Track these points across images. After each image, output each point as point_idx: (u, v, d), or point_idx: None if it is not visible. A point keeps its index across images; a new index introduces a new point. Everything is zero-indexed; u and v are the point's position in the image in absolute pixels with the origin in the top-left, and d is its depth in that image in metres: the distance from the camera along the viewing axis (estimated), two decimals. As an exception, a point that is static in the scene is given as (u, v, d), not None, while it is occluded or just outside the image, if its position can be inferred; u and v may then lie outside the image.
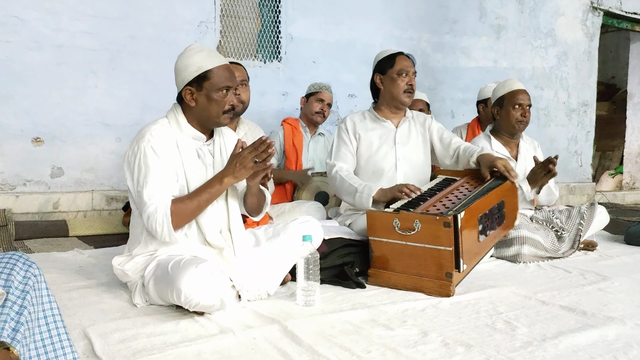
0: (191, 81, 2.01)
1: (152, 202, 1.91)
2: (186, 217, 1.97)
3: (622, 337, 1.74)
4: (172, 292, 1.80)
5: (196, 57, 2.01)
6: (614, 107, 8.63)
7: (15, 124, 3.62)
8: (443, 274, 2.18)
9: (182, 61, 2.04)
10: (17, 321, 1.13)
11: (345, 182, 2.68)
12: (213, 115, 2.04)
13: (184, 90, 2.03)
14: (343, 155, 2.82)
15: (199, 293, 1.77)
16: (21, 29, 3.60)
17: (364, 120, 2.89)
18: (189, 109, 2.06)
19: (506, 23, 5.79)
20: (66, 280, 2.34)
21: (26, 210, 3.64)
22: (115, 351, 1.56)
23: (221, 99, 2.02)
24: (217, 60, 2.04)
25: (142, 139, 1.97)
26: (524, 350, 1.61)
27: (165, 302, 1.94)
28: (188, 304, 1.80)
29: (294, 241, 2.18)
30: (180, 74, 2.04)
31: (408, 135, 2.88)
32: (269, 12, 4.55)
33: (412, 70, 2.80)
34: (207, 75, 2.00)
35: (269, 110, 4.45)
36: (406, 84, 2.77)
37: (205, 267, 1.80)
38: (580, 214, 3.07)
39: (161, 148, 1.97)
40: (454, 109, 5.50)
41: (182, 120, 2.06)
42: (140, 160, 1.95)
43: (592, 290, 2.31)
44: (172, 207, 1.92)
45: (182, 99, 2.06)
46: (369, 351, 1.59)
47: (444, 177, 2.82)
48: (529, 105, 3.13)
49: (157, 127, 2.02)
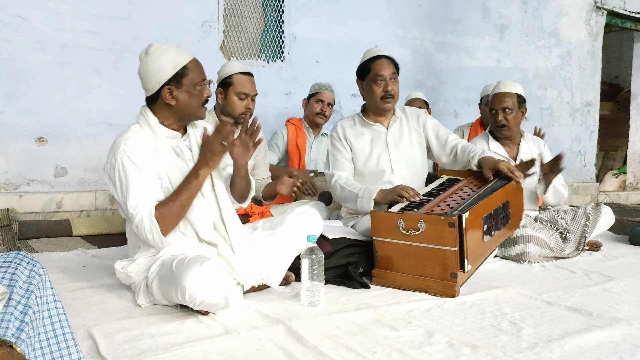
0: (169, 80, 2.00)
1: (137, 212, 1.92)
2: (172, 219, 1.96)
3: (629, 338, 1.73)
4: (176, 290, 1.80)
5: (168, 55, 2.01)
6: (618, 107, 8.60)
7: (19, 123, 3.62)
8: (448, 275, 2.18)
9: (153, 62, 2.00)
10: (21, 320, 1.13)
11: (345, 190, 2.68)
12: (194, 109, 2.06)
13: (163, 90, 2.01)
14: (340, 163, 2.80)
15: (203, 291, 1.77)
16: (25, 28, 3.61)
17: (354, 126, 2.86)
18: (163, 109, 2.05)
19: (510, 23, 5.77)
20: (70, 280, 2.34)
21: (30, 209, 3.64)
22: (119, 351, 1.56)
23: (200, 92, 2.05)
24: (188, 55, 2.05)
25: (118, 150, 1.97)
26: (530, 351, 1.60)
27: (170, 302, 1.94)
28: (193, 302, 1.79)
29: (293, 232, 2.20)
30: (154, 76, 2.01)
31: (400, 135, 2.85)
32: (272, 11, 4.55)
33: (388, 75, 2.71)
34: (184, 72, 2.01)
35: (272, 110, 4.44)
36: (382, 90, 2.72)
37: (209, 265, 1.80)
38: (585, 214, 3.06)
39: (137, 156, 1.96)
40: (457, 109, 5.49)
41: (154, 123, 2.05)
42: (119, 172, 1.96)
43: (598, 290, 2.30)
44: (156, 213, 1.92)
45: (153, 101, 2.06)
46: (375, 352, 1.59)
47: (448, 177, 2.81)
48: (506, 109, 3.06)
49: (130, 135, 2.01)
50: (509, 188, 2.57)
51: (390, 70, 2.73)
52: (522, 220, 2.76)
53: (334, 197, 2.85)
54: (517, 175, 2.57)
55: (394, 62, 2.78)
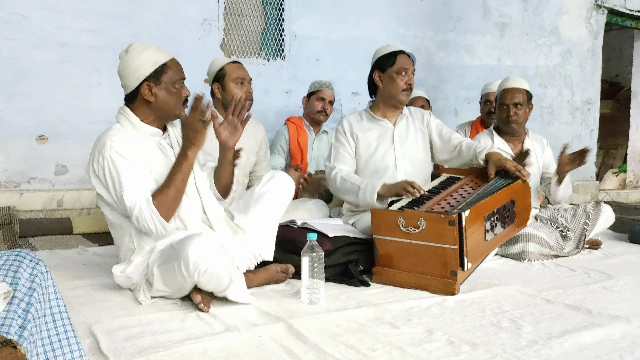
0: (149, 76, 2.04)
1: (135, 204, 1.93)
2: (171, 204, 1.98)
3: (628, 336, 1.74)
4: (179, 264, 1.83)
5: (148, 53, 2.05)
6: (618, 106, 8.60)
7: (20, 121, 3.63)
8: (448, 273, 2.18)
9: (133, 60, 2.04)
10: (24, 318, 1.13)
11: (346, 182, 2.67)
12: (173, 107, 2.08)
13: (142, 86, 2.04)
14: (342, 157, 2.80)
15: (207, 258, 1.81)
16: (25, 26, 3.61)
17: (360, 121, 2.87)
18: (142, 106, 2.08)
19: (510, 21, 5.77)
20: (71, 277, 2.34)
21: (30, 207, 3.64)
22: (121, 349, 1.56)
23: (179, 90, 2.09)
24: (167, 54, 2.09)
25: (104, 147, 1.98)
26: (529, 349, 1.61)
27: (170, 288, 1.95)
28: (197, 270, 1.81)
29: (268, 202, 2.27)
30: (134, 72, 2.04)
31: (406, 132, 2.86)
32: (272, 10, 4.55)
33: (411, 69, 2.79)
34: (163, 70, 2.05)
35: (272, 108, 4.45)
36: (405, 83, 2.76)
37: (211, 236, 1.87)
38: (585, 212, 3.06)
39: (125, 149, 1.98)
40: (457, 107, 5.49)
41: (135, 120, 2.07)
42: (109, 169, 1.97)
43: (597, 289, 2.31)
44: (154, 201, 1.94)
45: (132, 99, 2.08)
46: (375, 349, 1.59)
47: (448, 175, 2.82)
48: (517, 104, 3.08)
49: (113, 132, 2.03)
50: (514, 187, 2.56)
51: (412, 67, 2.82)
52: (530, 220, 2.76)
53: (333, 189, 2.83)
54: (524, 174, 2.57)
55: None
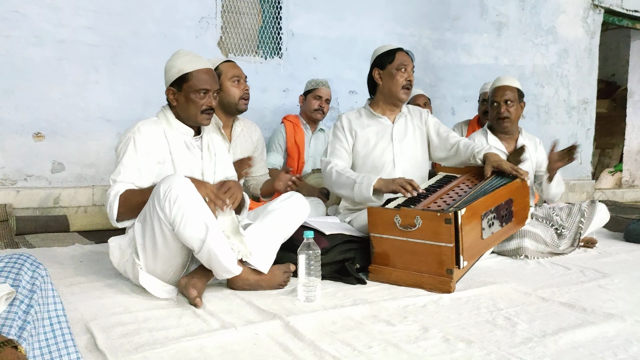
0: (173, 82, 2.20)
1: (113, 186, 2.08)
2: (131, 209, 2.07)
3: (622, 333, 1.75)
4: (152, 203, 1.93)
5: (179, 60, 2.20)
6: (614, 105, 8.64)
7: (16, 119, 3.62)
8: (444, 270, 2.19)
9: (168, 63, 2.23)
10: (24, 320, 1.14)
11: (341, 176, 2.68)
12: (191, 114, 2.21)
13: (167, 90, 2.23)
14: (338, 152, 2.81)
15: (176, 185, 1.90)
16: (22, 24, 3.60)
17: (359, 118, 2.88)
18: (172, 107, 2.25)
19: (507, 20, 5.78)
20: (67, 275, 2.34)
21: (27, 205, 3.64)
22: (117, 345, 1.57)
23: (198, 100, 2.18)
24: (198, 65, 2.19)
25: (131, 129, 2.16)
26: (524, 346, 1.62)
27: (150, 242, 1.99)
28: (167, 199, 1.88)
29: (279, 218, 2.28)
30: (165, 75, 2.24)
31: (405, 130, 2.87)
32: (270, 8, 4.55)
33: (410, 65, 2.80)
34: (186, 78, 2.17)
35: (269, 106, 4.45)
36: (405, 79, 2.78)
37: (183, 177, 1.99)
38: (580, 211, 3.08)
39: (143, 143, 2.13)
40: (454, 106, 5.50)
41: (171, 117, 2.25)
42: (122, 147, 2.14)
43: (592, 287, 2.32)
44: (122, 194, 2.05)
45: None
46: (371, 346, 1.60)
47: (445, 174, 2.83)
48: (507, 101, 3.09)
49: (147, 122, 2.20)
50: (512, 186, 2.57)
51: (412, 64, 2.83)
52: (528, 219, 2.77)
53: (327, 184, 2.84)
54: (522, 173, 2.59)
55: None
